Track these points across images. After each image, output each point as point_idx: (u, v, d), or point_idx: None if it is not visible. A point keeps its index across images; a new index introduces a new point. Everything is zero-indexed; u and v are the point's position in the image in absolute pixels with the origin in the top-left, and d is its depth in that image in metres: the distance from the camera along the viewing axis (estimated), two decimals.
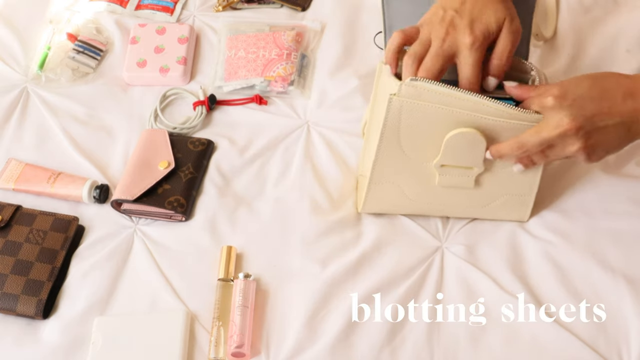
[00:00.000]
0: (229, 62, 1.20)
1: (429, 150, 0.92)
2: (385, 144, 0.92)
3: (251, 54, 1.20)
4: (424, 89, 0.87)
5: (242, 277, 0.96)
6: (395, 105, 0.88)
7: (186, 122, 1.15)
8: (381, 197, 1.00)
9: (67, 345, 0.93)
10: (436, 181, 0.96)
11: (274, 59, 1.19)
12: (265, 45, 1.21)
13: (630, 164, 1.08)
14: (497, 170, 0.95)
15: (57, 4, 1.31)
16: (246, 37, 1.22)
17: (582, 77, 0.88)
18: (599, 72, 0.89)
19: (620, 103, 0.85)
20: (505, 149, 0.89)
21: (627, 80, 0.87)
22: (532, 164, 0.92)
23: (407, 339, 0.93)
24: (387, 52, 0.91)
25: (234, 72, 1.19)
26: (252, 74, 1.18)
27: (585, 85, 0.86)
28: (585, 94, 0.85)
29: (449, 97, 0.87)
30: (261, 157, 1.11)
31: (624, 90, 0.86)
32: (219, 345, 0.92)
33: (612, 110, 0.85)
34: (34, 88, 1.20)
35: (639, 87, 0.86)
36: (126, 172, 1.07)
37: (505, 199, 0.98)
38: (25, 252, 0.99)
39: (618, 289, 0.96)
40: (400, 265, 0.98)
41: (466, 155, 0.92)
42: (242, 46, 1.21)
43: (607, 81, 0.87)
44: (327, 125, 1.14)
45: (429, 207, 1.01)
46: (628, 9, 1.26)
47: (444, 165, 0.94)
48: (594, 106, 0.85)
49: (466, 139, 0.89)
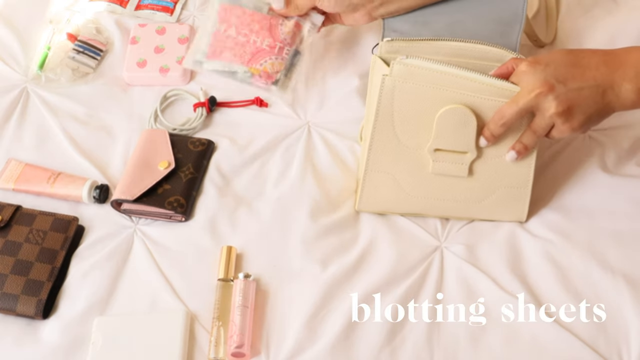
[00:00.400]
0: (216, 37, 1.08)
1: (422, 133, 0.94)
2: (380, 129, 0.94)
3: (242, 35, 1.07)
4: (415, 66, 0.90)
5: (242, 277, 0.96)
6: (388, 86, 0.91)
7: (186, 124, 1.15)
8: (377, 190, 1.00)
9: (67, 345, 0.93)
10: (430, 168, 0.96)
11: (264, 49, 1.08)
12: (259, 30, 1.08)
13: (630, 164, 1.08)
14: (490, 158, 0.96)
15: (57, 4, 1.31)
16: (241, 13, 1.08)
17: (558, 49, 0.92)
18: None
19: (594, 68, 0.87)
20: (491, 125, 0.91)
21: (602, 52, 0.89)
22: (524, 149, 0.94)
23: (407, 339, 0.93)
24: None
25: (219, 50, 1.08)
26: (237, 59, 1.08)
27: (560, 53, 0.89)
28: (559, 60, 0.88)
29: (440, 75, 0.90)
30: (261, 157, 1.11)
31: (597, 59, 0.88)
32: (218, 345, 0.92)
33: (585, 74, 0.87)
34: (34, 88, 1.20)
35: (613, 57, 0.88)
36: (126, 172, 1.07)
37: (501, 192, 0.99)
38: (25, 252, 0.99)
39: (618, 289, 0.96)
40: (400, 265, 0.98)
41: (458, 136, 0.93)
42: (234, 22, 1.08)
43: (581, 52, 0.89)
44: (327, 126, 1.14)
45: (425, 203, 1.01)
46: (628, 9, 1.26)
47: (437, 149, 0.95)
48: (566, 70, 0.87)
49: (457, 116, 0.91)
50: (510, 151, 0.94)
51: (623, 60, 0.88)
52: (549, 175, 1.06)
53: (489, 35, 0.99)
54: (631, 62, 0.87)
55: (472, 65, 0.96)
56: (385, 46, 0.98)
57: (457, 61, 0.95)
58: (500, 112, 0.90)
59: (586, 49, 0.90)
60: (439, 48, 0.97)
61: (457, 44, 0.97)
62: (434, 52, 0.97)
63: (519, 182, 0.98)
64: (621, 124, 1.11)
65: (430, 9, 0.98)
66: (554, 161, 1.08)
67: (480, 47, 0.96)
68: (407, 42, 0.97)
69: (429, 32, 0.98)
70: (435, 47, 0.97)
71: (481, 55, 0.96)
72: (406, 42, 0.97)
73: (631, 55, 0.88)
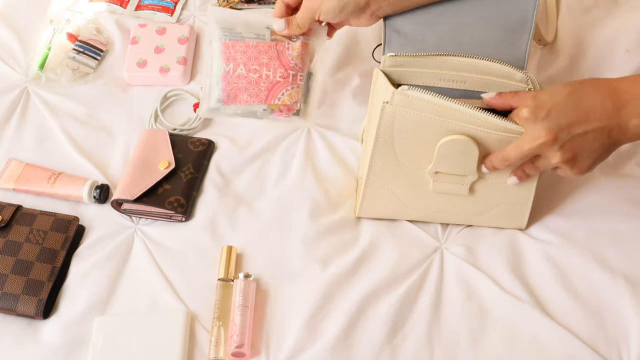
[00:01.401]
0: (227, 80, 1.04)
1: (422, 157, 0.93)
2: (380, 150, 0.93)
3: (253, 72, 1.03)
4: (416, 98, 0.88)
5: (242, 277, 0.96)
6: (388, 113, 0.90)
7: (186, 124, 1.15)
8: (377, 203, 1.00)
9: (67, 345, 0.93)
10: (430, 188, 0.96)
11: (279, 82, 1.04)
12: (268, 62, 1.03)
13: (630, 164, 1.08)
14: (492, 179, 0.95)
15: (57, 4, 1.31)
16: (245, 47, 1.03)
17: (560, 85, 0.86)
18: (577, 80, 0.88)
19: (599, 108, 0.84)
20: (494, 161, 0.90)
21: (606, 84, 0.85)
22: (526, 176, 0.93)
23: (407, 338, 0.93)
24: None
25: (233, 94, 1.04)
26: (254, 99, 1.04)
27: (562, 94, 0.85)
28: (561, 103, 0.84)
29: (441, 108, 0.88)
30: (261, 157, 1.11)
31: (602, 94, 0.84)
32: (219, 345, 0.92)
33: (590, 116, 0.83)
34: (34, 88, 1.20)
35: (617, 90, 0.84)
36: (126, 172, 1.07)
37: (501, 208, 0.99)
38: (25, 252, 0.99)
39: (618, 289, 0.96)
40: (400, 265, 0.99)
41: (459, 162, 0.92)
42: (241, 59, 1.03)
43: (584, 87, 0.85)
44: (327, 125, 1.14)
45: (425, 214, 1.01)
46: (628, 9, 1.26)
47: (438, 172, 0.94)
48: (570, 114, 0.84)
49: (458, 146, 0.90)
50: (512, 176, 0.94)
51: (629, 95, 0.83)
52: (548, 176, 1.06)
53: (496, 43, 0.95)
54: (638, 95, 0.83)
55: (477, 80, 0.93)
56: (389, 60, 0.94)
57: (462, 76, 0.92)
58: (504, 153, 0.88)
59: (589, 83, 0.86)
60: (444, 62, 0.93)
61: (462, 59, 0.93)
62: (438, 66, 0.93)
63: (519, 199, 0.98)
64: None
65: (436, 9, 0.96)
66: None
67: (485, 63, 0.93)
68: (411, 57, 0.93)
69: (432, 35, 0.96)
70: (440, 61, 0.93)
71: (487, 70, 0.93)
72: (410, 57, 0.93)
73: (638, 88, 0.83)
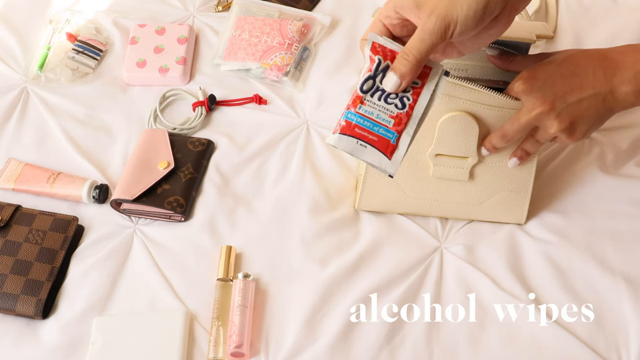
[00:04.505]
0: (232, 41, 1.22)
1: (423, 139, 0.93)
2: None
3: (254, 37, 1.21)
4: None
5: (242, 277, 0.96)
6: None
7: (185, 123, 1.15)
8: (377, 193, 1.00)
9: (67, 345, 0.93)
10: (431, 172, 0.96)
11: (275, 46, 1.20)
12: (270, 31, 1.22)
13: (630, 164, 1.08)
14: (492, 163, 0.96)
15: (57, 4, 1.31)
16: (254, 20, 1.23)
17: (552, 57, 0.89)
18: (567, 49, 0.90)
19: (591, 76, 0.86)
20: (493, 139, 0.91)
21: (597, 53, 0.88)
22: (526, 155, 0.93)
23: (406, 338, 0.93)
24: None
25: (233, 52, 1.20)
26: (250, 57, 1.19)
27: (555, 64, 0.87)
28: (555, 72, 0.86)
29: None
30: (260, 156, 1.11)
31: (593, 63, 0.87)
32: (218, 345, 0.92)
33: (583, 84, 0.86)
34: (33, 88, 1.20)
35: (608, 58, 0.87)
36: (126, 172, 1.07)
37: (500, 196, 0.99)
38: (24, 252, 0.99)
39: (617, 289, 0.96)
40: (400, 265, 0.98)
41: (460, 142, 0.93)
42: (247, 28, 1.22)
43: (576, 57, 0.88)
44: (326, 124, 1.14)
45: (425, 204, 1.01)
46: (628, 9, 1.26)
47: (438, 154, 0.94)
48: (564, 83, 0.86)
49: (459, 123, 0.91)
50: (512, 158, 0.94)
51: (620, 63, 0.86)
52: (548, 176, 1.06)
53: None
54: (628, 63, 0.86)
55: (478, 68, 0.94)
56: None
57: (463, 64, 0.93)
58: (502, 129, 0.89)
59: (580, 53, 0.89)
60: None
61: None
62: None
63: (519, 186, 0.98)
64: (620, 125, 1.11)
65: None
66: (552, 161, 1.08)
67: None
68: None
69: None
70: None
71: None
72: None
73: (628, 57, 0.87)
